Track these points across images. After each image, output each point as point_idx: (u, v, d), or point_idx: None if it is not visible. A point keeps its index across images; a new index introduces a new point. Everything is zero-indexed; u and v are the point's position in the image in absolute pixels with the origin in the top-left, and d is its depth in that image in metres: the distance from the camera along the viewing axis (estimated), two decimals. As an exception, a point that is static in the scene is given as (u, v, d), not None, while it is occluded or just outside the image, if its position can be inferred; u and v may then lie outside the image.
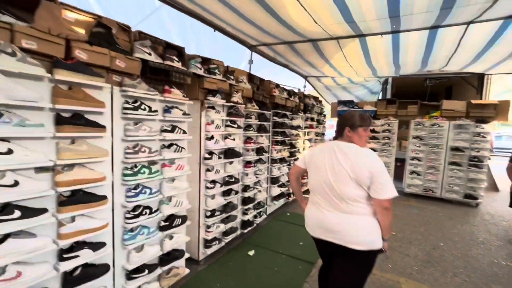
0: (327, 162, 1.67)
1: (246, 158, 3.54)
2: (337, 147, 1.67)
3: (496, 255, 3.41)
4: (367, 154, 1.60)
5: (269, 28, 3.58)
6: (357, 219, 1.58)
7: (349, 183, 1.57)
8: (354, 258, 1.60)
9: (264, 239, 3.61)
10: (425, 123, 5.87)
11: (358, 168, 1.55)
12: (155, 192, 2.19)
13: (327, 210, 1.66)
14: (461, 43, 3.79)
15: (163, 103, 2.31)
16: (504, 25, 3.17)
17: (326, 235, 1.67)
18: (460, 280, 2.81)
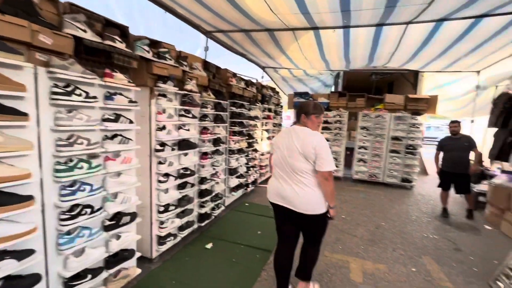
0: (285, 142, 2.04)
1: (202, 150, 3.41)
2: (293, 130, 2.06)
3: (426, 230, 3.93)
4: (314, 134, 1.98)
5: (225, 14, 3.43)
6: (305, 190, 1.94)
7: (299, 157, 1.95)
8: (304, 220, 2.01)
9: (222, 231, 3.57)
10: (371, 115, 6.40)
11: (306, 145, 1.92)
12: (97, 188, 1.95)
13: (283, 181, 2.03)
14: (401, 42, 4.16)
15: (104, 88, 2.05)
16: (435, 27, 3.56)
17: (282, 202, 2.04)
18: (398, 254, 3.17)
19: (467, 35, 3.77)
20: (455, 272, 2.84)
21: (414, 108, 6.12)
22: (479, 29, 3.53)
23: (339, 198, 5.19)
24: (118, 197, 2.14)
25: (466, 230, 3.98)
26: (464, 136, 4.35)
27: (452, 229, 3.99)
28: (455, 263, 3.02)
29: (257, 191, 5.45)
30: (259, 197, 5.11)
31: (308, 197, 1.95)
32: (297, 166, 1.95)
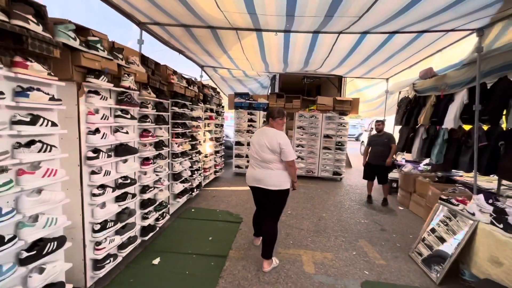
0: (257, 139, 2.73)
1: (144, 155, 3.03)
2: (263, 130, 2.77)
3: (358, 216, 4.48)
4: (279, 133, 2.67)
5: (165, 5, 3.13)
6: (271, 172, 2.66)
7: (267, 150, 2.64)
8: (272, 196, 2.68)
9: (170, 243, 3.27)
10: (306, 115, 6.93)
11: (272, 142, 2.61)
12: (8, 212, 1.49)
13: (258, 168, 2.74)
14: (332, 49, 4.63)
15: (13, 82, 1.58)
16: (360, 38, 4.08)
17: (257, 183, 2.72)
18: (340, 241, 3.50)
19: (382, 48, 4.45)
20: (384, 250, 3.31)
21: (341, 109, 6.91)
22: (391, 43, 4.22)
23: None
24: (40, 220, 1.70)
25: (386, 213, 4.71)
26: (386, 133, 5.10)
27: (376, 213, 4.67)
28: (383, 242, 3.53)
29: (203, 195, 5.22)
30: (205, 201, 4.90)
31: (274, 177, 2.65)
32: (266, 157, 2.66)
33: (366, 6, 2.81)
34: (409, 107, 5.63)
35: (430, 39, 3.97)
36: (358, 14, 3.02)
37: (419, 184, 4.76)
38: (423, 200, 4.52)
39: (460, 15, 2.98)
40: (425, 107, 5.02)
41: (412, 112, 5.49)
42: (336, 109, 6.93)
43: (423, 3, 2.72)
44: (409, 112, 5.59)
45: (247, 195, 5.35)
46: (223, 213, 4.32)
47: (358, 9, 2.91)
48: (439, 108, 4.63)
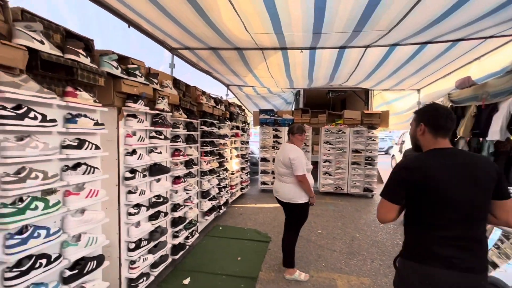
0: (278, 154, 2.97)
1: (175, 173, 3.12)
2: (283, 146, 2.98)
3: (395, 236, 4.16)
4: (292, 149, 2.80)
5: (195, 30, 3.31)
6: (284, 186, 2.83)
7: (281, 165, 2.83)
8: (286, 207, 2.88)
9: (199, 262, 3.25)
10: (332, 129, 6.77)
11: (285, 157, 2.76)
12: (55, 232, 1.58)
13: (276, 181, 2.97)
14: (359, 63, 4.54)
15: (64, 109, 1.73)
16: (388, 51, 3.97)
17: (276, 195, 2.93)
18: (377, 265, 3.25)
19: (413, 59, 4.28)
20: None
21: (369, 122, 6.67)
22: (422, 54, 4.05)
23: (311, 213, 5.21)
24: (82, 239, 1.77)
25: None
26: None
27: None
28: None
29: (230, 212, 5.20)
30: (233, 218, 4.87)
31: (286, 191, 2.81)
32: (281, 171, 2.85)
33: (397, 19, 2.74)
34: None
35: (466, 47, 3.76)
36: (388, 28, 2.95)
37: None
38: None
39: (500, 21, 2.80)
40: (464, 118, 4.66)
41: (449, 124, 5.13)
42: (365, 123, 6.70)
43: (458, 13, 2.60)
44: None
45: (274, 212, 5.24)
46: (250, 232, 4.24)
47: (388, 23, 2.85)
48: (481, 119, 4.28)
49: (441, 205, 1.21)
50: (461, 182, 1.21)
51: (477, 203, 1.21)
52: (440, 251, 1.20)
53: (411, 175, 1.27)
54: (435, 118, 1.32)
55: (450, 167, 1.23)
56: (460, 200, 1.20)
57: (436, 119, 1.31)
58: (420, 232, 1.28)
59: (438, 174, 1.22)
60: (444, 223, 1.21)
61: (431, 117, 1.33)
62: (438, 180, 1.21)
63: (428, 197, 1.23)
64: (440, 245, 1.21)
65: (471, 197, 1.20)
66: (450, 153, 1.29)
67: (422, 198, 1.25)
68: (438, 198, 1.21)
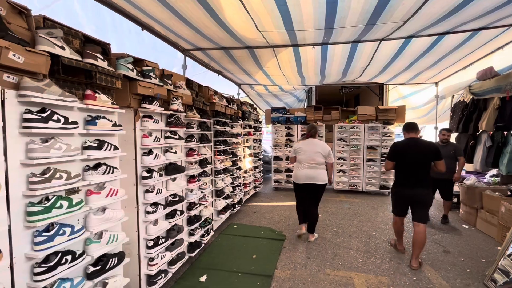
0: (310, 148, 3.66)
1: (190, 172, 3.17)
2: (312, 141, 3.74)
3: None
4: (325, 143, 3.78)
5: (206, 31, 3.35)
6: (321, 171, 3.63)
7: (320, 155, 3.61)
8: (321, 188, 3.69)
9: (215, 259, 3.29)
10: (346, 126, 6.65)
11: (324, 149, 3.65)
12: (79, 230, 1.65)
13: (308, 169, 3.62)
14: (373, 57, 4.43)
15: (84, 112, 1.80)
16: (404, 43, 3.85)
17: (310, 180, 3.61)
18: (395, 264, 3.17)
19: (430, 51, 4.13)
20: (452, 276, 2.90)
21: (385, 118, 6.50)
22: (440, 45, 3.90)
23: (326, 211, 5.19)
24: (104, 237, 1.84)
25: (448, 231, 4.17)
26: (451, 144, 4.41)
27: (436, 232, 4.16)
28: (449, 266, 3.10)
29: (244, 211, 5.23)
30: (247, 217, 4.89)
31: (322, 175, 3.64)
32: (319, 160, 3.61)
33: (413, 10, 2.65)
34: (466, 112, 5.07)
35: (487, 36, 3.59)
36: (403, 19, 2.86)
37: (487, 199, 4.16)
38: (494, 217, 3.92)
39: (526, 7, 2.65)
40: (487, 111, 4.47)
41: (470, 117, 4.93)
42: (380, 119, 6.54)
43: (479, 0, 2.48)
44: (467, 118, 5.03)
45: (288, 210, 5.23)
46: (265, 230, 4.25)
47: (402, 14, 2.77)
48: (505, 112, 4.09)
49: (404, 162, 3.08)
50: (414, 152, 3.01)
51: (419, 161, 2.99)
52: (402, 181, 3.15)
53: (396, 148, 3.17)
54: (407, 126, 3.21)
55: (411, 146, 3.06)
56: (411, 161, 3.02)
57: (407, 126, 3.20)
58: (397, 174, 3.21)
59: (405, 149, 3.07)
60: (405, 170, 3.09)
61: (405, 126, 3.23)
62: (405, 151, 3.06)
63: (400, 158, 3.10)
64: (403, 179, 3.13)
65: (416, 159, 2.99)
66: (413, 139, 3.10)
67: (398, 158, 3.13)
68: (403, 159, 3.07)
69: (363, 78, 6.11)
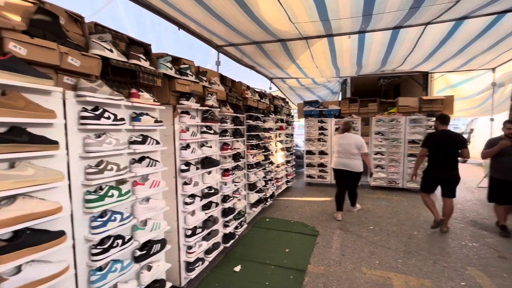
0: (345, 141, 4.23)
1: (224, 166, 3.26)
2: (348, 135, 4.29)
3: (462, 237, 3.70)
4: (359, 137, 4.33)
5: (239, 26, 3.37)
6: (356, 161, 4.19)
7: (355, 148, 4.15)
8: (356, 175, 4.27)
9: (248, 251, 3.38)
10: (385, 119, 6.26)
11: (358, 141, 4.18)
12: (127, 217, 1.81)
13: (345, 158, 4.21)
14: (417, 44, 4.08)
15: (129, 109, 1.95)
16: (454, 26, 3.47)
17: (345, 167, 4.20)
18: (440, 267, 2.94)
19: (486, 32, 3.67)
20: (508, 284, 2.61)
21: (429, 109, 5.98)
22: (499, 25, 3.44)
23: (362, 208, 4.97)
24: (148, 224, 2.00)
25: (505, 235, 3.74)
26: None
27: (490, 235, 3.76)
28: (506, 274, 2.79)
29: (276, 205, 5.25)
30: (279, 211, 4.91)
31: (358, 164, 4.20)
32: (354, 152, 4.16)
33: (466, -13, 2.37)
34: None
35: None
36: (454, -1, 2.58)
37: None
38: None
39: None
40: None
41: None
42: (423, 110, 6.04)
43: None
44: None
45: (322, 206, 5.13)
46: (297, 225, 4.23)
47: (453, -7, 2.50)
48: None
49: (438, 150, 3.69)
50: (446, 141, 3.63)
51: (449, 151, 3.60)
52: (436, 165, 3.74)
53: (432, 138, 3.81)
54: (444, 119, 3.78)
55: (444, 136, 3.69)
56: (444, 149, 3.63)
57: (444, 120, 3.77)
58: (431, 159, 3.78)
59: (440, 138, 3.70)
60: (439, 156, 3.69)
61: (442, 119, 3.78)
62: (439, 141, 3.69)
63: (435, 146, 3.72)
64: (437, 163, 3.72)
65: (448, 148, 3.60)
66: (445, 131, 3.72)
67: (433, 147, 3.74)
68: (438, 147, 3.69)
69: (405, 67, 5.67)
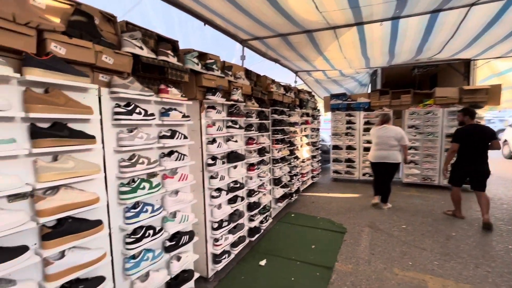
0: (383, 133, 4.33)
1: (249, 161, 3.27)
2: (386, 127, 4.37)
3: (509, 240, 3.37)
4: (399, 128, 4.35)
5: (265, 19, 3.32)
6: (394, 152, 4.28)
7: (393, 140, 4.25)
8: (394, 166, 4.34)
9: (274, 246, 3.37)
10: (419, 111, 5.84)
11: (397, 133, 4.25)
12: (158, 208, 1.88)
13: (381, 150, 4.34)
14: (459, 28, 3.72)
15: (159, 105, 2.00)
16: (506, 5, 3.10)
17: (383, 159, 4.32)
18: (483, 271, 2.71)
19: (544, 11, 3.23)
20: None
21: (472, 100, 5.46)
22: (561, 2, 3.01)
23: (393, 205, 4.72)
24: (177, 216, 2.06)
25: (562, 240, 3.34)
26: None
27: (543, 239, 3.37)
28: None
29: (301, 201, 5.18)
30: (304, 207, 4.84)
31: (396, 155, 4.29)
32: (392, 143, 4.25)
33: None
34: None
35: None
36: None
37: None
38: None
39: None
40: None
41: None
42: (464, 101, 5.53)
43: None
44: None
45: (349, 202, 4.96)
46: (324, 221, 4.14)
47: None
48: None
49: (468, 144, 3.71)
50: (476, 135, 3.65)
51: (479, 145, 3.64)
52: (467, 159, 3.77)
53: (463, 133, 3.78)
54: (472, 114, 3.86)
55: (474, 130, 3.71)
56: (475, 143, 3.66)
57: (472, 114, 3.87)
58: (462, 154, 3.80)
59: (470, 133, 3.71)
60: (470, 150, 3.71)
61: (470, 113, 3.87)
62: (470, 135, 3.69)
63: (466, 141, 3.73)
64: (468, 157, 3.75)
65: (477, 143, 3.64)
66: (474, 125, 3.78)
67: (464, 141, 3.75)
68: (468, 141, 3.70)
69: (443, 54, 5.21)
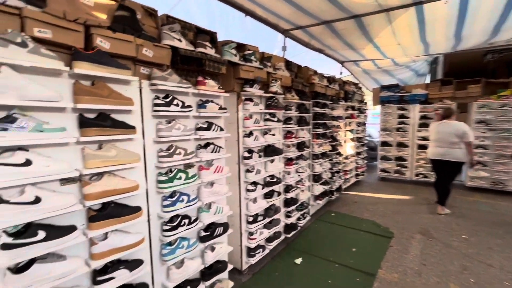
0: (442, 129, 3.93)
1: (287, 155, 3.16)
2: (446, 123, 3.94)
3: None
4: (461, 123, 3.84)
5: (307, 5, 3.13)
6: (456, 150, 3.80)
7: (454, 136, 3.78)
8: (455, 165, 3.85)
9: (311, 244, 3.24)
10: (491, 104, 4.98)
11: (457, 129, 3.78)
12: (193, 199, 1.92)
13: (442, 148, 3.91)
14: (554, 0, 3.00)
15: (196, 97, 2.02)
16: None
17: (442, 157, 3.90)
18: None
19: None
20: None
21: None
22: None
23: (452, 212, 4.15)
24: (212, 208, 2.08)
25: None
26: None
27: None
28: None
29: (343, 199, 4.89)
30: (346, 206, 4.55)
31: (458, 153, 3.79)
32: (453, 140, 3.79)
33: None
34: None
35: None
36: None
37: None
38: None
39: None
40: None
41: None
42: (555, 92, 4.53)
43: None
44: None
45: (398, 205, 4.51)
46: (367, 223, 3.83)
47: None
48: None
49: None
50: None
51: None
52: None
53: None
54: None
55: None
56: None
57: None
58: None
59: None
60: None
61: None
62: None
63: None
64: None
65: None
66: None
67: None
68: None
69: (529, 35, 4.31)
